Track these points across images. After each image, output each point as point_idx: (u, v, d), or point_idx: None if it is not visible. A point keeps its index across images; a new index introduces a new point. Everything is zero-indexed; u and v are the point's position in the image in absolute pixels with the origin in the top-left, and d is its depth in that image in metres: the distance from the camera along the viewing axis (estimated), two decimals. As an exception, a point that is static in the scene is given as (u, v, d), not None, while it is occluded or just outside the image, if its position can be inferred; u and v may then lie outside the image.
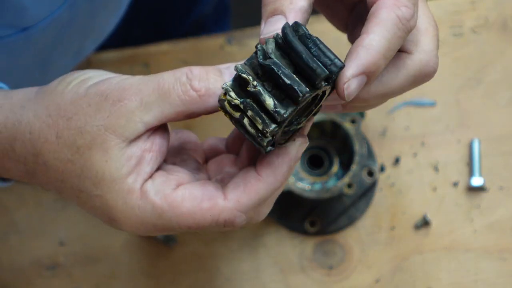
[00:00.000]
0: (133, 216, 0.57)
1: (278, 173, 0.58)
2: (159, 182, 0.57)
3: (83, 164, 0.57)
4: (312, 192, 0.91)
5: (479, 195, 0.97)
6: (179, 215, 0.57)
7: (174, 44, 1.04)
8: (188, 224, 0.57)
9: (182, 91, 0.57)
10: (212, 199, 0.57)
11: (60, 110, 0.58)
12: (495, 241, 0.95)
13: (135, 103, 0.56)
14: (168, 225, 0.57)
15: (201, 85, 0.57)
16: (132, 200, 0.57)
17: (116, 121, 0.56)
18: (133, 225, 0.58)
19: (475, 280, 0.94)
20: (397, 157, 0.98)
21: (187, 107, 0.57)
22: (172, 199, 0.57)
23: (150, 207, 0.57)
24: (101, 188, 0.57)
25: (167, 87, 0.56)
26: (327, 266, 0.95)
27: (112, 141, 0.56)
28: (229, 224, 0.57)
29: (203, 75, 0.57)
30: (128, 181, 0.57)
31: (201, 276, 0.96)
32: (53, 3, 0.79)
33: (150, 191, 0.57)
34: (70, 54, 0.91)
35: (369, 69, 0.58)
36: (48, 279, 0.96)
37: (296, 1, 0.60)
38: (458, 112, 0.99)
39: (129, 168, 0.57)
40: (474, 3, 1.02)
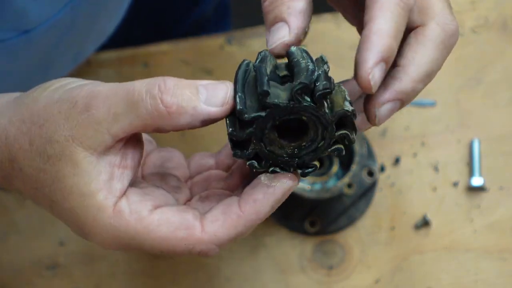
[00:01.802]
0: (104, 233, 0.55)
1: (261, 212, 0.56)
2: (135, 202, 0.55)
3: (54, 175, 0.55)
4: (312, 192, 0.91)
5: (479, 195, 0.97)
6: (153, 239, 0.55)
7: (174, 44, 1.04)
8: (161, 249, 0.55)
9: (151, 105, 0.53)
10: (189, 229, 0.55)
11: (33, 116, 0.56)
12: (495, 241, 0.95)
13: (102, 113, 0.54)
14: (141, 246, 0.55)
15: (173, 101, 0.53)
16: (104, 218, 0.55)
17: (83, 131, 0.54)
18: (104, 241, 0.56)
19: (475, 280, 0.94)
20: (397, 157, 0.98)
21: (155, 122, 0.54)
22: (147, 222, 0.54)
23: (124, 227, 0.55)
24: (70, 201, 0.55)
25: (136, 98, 0.53)
26: (327, 266, 0.95)
27: (80, 154, 0.54)
28: (202, 255, 0.56)
29: (176, 90, 0.54)
30: (99, 197, 0.54)
31: (201, 276, 0.96)
32: (54, 6, 0.79)
33: (125, 210, 0.55)
34: (71, 55, 0.91)
35: (386, 54, 0.58)
36: (48, 279, 0.96)
37: (294, 5, 0.59)
38: (458, 112, 0.99)
39: (99, 184, 0.54)
40: (474, 3, 1.02)
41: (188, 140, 1.00)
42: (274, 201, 0.57)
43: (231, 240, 0.56)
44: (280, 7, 0.59)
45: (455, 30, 0.63)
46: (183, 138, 1.01)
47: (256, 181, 0.56)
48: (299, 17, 0.59)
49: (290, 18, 0.59)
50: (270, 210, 0.57)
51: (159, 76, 0.55)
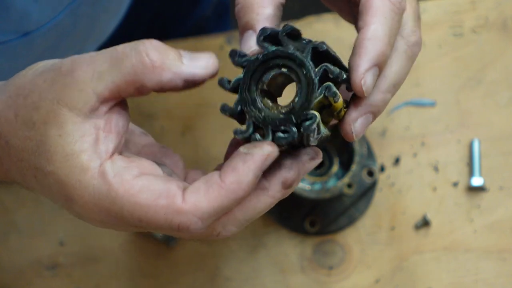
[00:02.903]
0: (86, 195, 0.55)
1: (242, 181, 0.54)
2: (120, 166, 0.55)
3: (39, 139, 0.55)
4: (312, 192, 0.91)
5: (479, 195, 0.97)
6: (132, 204, 0.54)
7: (174, 44, 1.04)
8: (139, 217, 0.54)
9: (136, 59, 0.54)
10: (170, 198, 0.53)
11: (19, 89, 0.57)
12: (495, 241, 0.95)
13: (87, 74, 0.54)
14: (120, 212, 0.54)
15: (158, 57, 0.54)
16: (86, 178, 0.54)
17: (69, 92, 0.54)
18: (86, 206, 0.55)
19: (475, 280, 0.94)
20: (397, 157, 0.98)
21: (138, 76, 0.54)
22: (129, 186, 0.54)
23: (106, 188, 0.54)
24: (53, 163, 0.55)
25: (120, 55, 0.54)
26: (327, 266, 0.95)
27: (66, 115, 0.54)
28: (183, 229, 0.54)
29: (162, 49, 0.55)
30: (83, 157, 0.54)
31: (201, 276, 0.96)
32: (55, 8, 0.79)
33: (109, 172, 0.54)
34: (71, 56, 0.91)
35: (379, 60, 0.59)
36: (48, 279, 0.96)
37: (262, 11, 0.60)
38: (458, 112, 0.99)
39: (84, 145, 0.54)
40: (474, 3, 1.02)
41: (188, 140, 1.00)
42: (255, 168, 0.54)
43: (214, 214, 0.54)
44: (250, 14, 0.60)
45: (418, 41, 0.64)
46: (183, 139, 1.01)
47: (235, 153, 0.55)
48: (266, 22, 0.60)
49: (258, 25, 0.60)
50: (252, 180, 0.54)
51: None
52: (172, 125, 1.01)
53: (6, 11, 0.73)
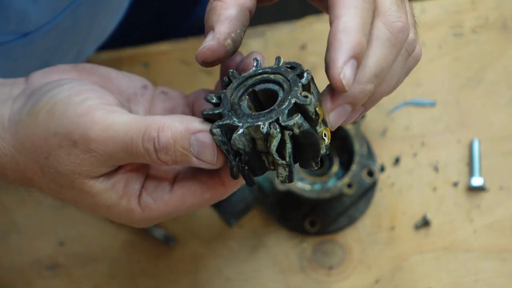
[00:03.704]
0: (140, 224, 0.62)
1: None
2: (152, 190, 0.60)
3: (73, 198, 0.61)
4: (312, 192, 0.91)
5: (479, 195, 0.96)
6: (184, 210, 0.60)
7: (174, 44, 1.04)
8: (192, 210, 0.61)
9: (150, 159, 0.58)
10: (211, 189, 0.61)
11: (36, 147, 0.60)
12: (495, 241, 0.95)
13: (104, 156, 0.58)
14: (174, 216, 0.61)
15: (168, 159, 0.57)
16: (136, 216, 0.60)
17: (88, 168, 0.58)
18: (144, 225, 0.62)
19: (475, 280, 0.94)
20: (397, 157, 0.98)
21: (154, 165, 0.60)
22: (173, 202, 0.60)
23: (156, 215, 0.60)
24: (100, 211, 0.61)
25: (136, 152, 0.57)
26: (327, 266, 0.95)
27: (90, 182, 0.59)
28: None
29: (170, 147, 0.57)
30: (122, 204, 0.60)
31: (201, 276, 0.96)
32: (55, 9, 0.79)
33: (150, 202, 0.60)
34: (71, 56, 0.91)
35: (356, 51, 0.57)
36: (48, 279, 0.96)
37: (223, 12, 0.61)
38: (458, 112, 0.99)
39: (118, 193, 0.60)
40: (474, 3, 1.02)
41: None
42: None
43: None
44: (213, 16, 0.61)
45: (403, 27, 0.61)
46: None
47: None
48: (224, 23, 0.60)
49: (217, 25, 0.60)
50: None
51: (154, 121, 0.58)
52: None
53: (5, 11, 0.73)
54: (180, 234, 0.97)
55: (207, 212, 0.97)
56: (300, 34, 1.04)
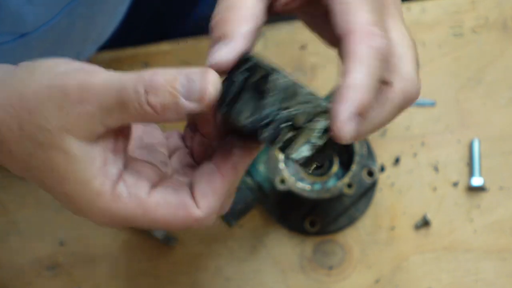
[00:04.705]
0: (101, 215, 0.57)
1: (240, 169, 0.58)
2: (131, 183, 0.57)
3: (47, 162, 0.56)
4: (312, 192, 0.90)
5: (479, 195, 0.96)
6: (151, 220, 0.57)
7: (174, 44, 1.04)
8: (160, 227, 0.58)
9: (139, 104, 0.54)
10: (186, 209, 0.56)
11: (22, 101, 0.56)
12: (495, 241, 0.95)
13: (95, 107, 0.54)
14: (140, 225, 0.57)
15: (156, 101, 0.54)
16: (102, 202, 0.56)
17: (76, 122, 0.55)
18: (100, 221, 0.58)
19: (475, 280, 0.94)
20: (397, 157, 0.98)
21: (144, 118, 0.55)
22: (147, 205, 0.56)
23: (123, 210, 0.56)
24: (64, 186, 0.56)
25: (126, 98, 0.54)
26: (327, 266, 0.95)
27: (73, 143, 0.55)
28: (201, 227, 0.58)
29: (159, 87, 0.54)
30: (95, 184, 0.56)
31: (201, 276, 0.95)
32: (51, 10, 0.78)
33: (123, 194, 0.56)
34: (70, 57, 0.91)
35: (361, 108, 0.57)
36: (48, 279, 0.96)
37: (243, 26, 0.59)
38: (458, 112, 0.99)
39: (94, 171, 0.55)
40: (474, 3, 1.02)
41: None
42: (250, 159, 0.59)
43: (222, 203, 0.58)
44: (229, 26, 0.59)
45: (415, 97, 0.62)
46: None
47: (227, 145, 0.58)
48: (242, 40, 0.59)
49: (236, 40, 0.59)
50: (247, 165, 0.58)
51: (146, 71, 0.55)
52: (172, 125, 1.01)
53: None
54: (180, 234, 0.97)
55: (207, 212, 0.97)
56: (300, 34, 1.04)
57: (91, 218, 0.57)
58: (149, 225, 0.57)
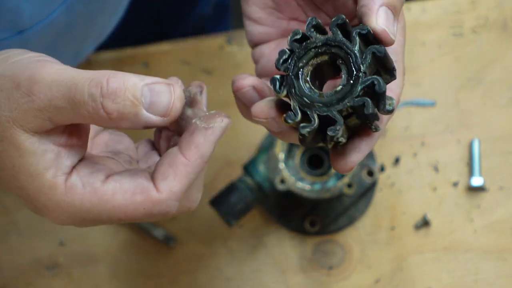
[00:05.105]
0: (58, 210, 0.54)
1: (205, 154, 0.55)
2: (86, 174, 0.54)
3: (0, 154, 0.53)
4: (312, 192, 0.90)
5: (479, 195, 0.96)
6: (110, 209, 0.54)
7: (174, 44, 1.04)
8: (119, 217, 0.54)
9: (93, 108, 0.50)
10: (144, 192, 0.53)
11: None
12: (495, 241, 0.95)
13: (43, 102, 0.51)
14: (98, 218, 0.54)
15: (113, 108, 0.50)
16: (56, 195, 0.53)
17: (23, 115, 0.52)
18: (59, 218, 0.55)
19: (475, 280, 0.94)
20: (397, 157, 0.98)
21: (96, 122, 0.52)
22: (102, 192, 0.53)
23: (79, 202, 0.53)
24: (19, 181, 0.54)
25: (78, 99, 0.51)
26: (327, 266, 0.95)
27: (22, 136, 0.52)
28: (163, 214, 0.54)
29: (119, 93, 0.50)
30: (47, 176, 0.53)
31: (201, 277, 0.95)
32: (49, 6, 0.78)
33: (77, 185, 0.53)
34: (69, 55, 0.91)
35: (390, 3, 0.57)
36: (48, 279, 0.96)
37: None
38: (458, 112, 0.99)
39: (46, 163, 0.53)
40: (474, 3, 1.02)
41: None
42: (215, 141, 0.56)
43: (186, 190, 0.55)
44: None
45: None
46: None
47: (192, 126, 0.55)
48: None
49: None
50: (212, 150, 0.56)
51: (104, 71, 0.52)
52: (172, 125, 1.01)
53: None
54: (180, 234, 0.97)
55: (207, 212, 0.96)
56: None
57: (49, 215, 0.55)
58: (109, 216, 0.54)
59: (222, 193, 0.89)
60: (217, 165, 0.99)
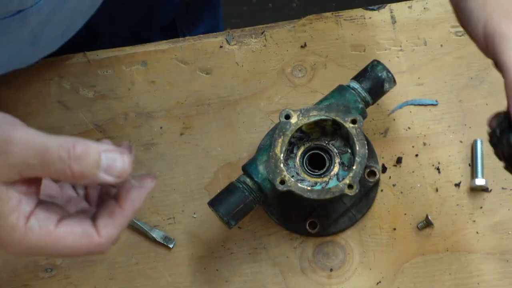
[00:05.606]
0: (17, 247, 0.65)
1: (137, 207, 0.67)
2: (42, 218, 0.65)
3: None
4: (313, 192, 0.90)
5: (482, 196, 0.96)
6: (59, 248, 0.66)
7: (173, 43, 1.04)
8: (65, 254, 0.66)
9: (60, 168, 0.62)
10: (89, 237, 0.66)
11: None
12: (497, 242, 0.95)
13: (17, 160, 0.63)
14: (48, 254, 0.66)
15: (77, 169, 0.62)
16: (17, 235, 0.64)
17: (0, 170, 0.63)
18: (15, 251, 0.66)
19: (477, 281, 0.93)
20: (399, 158, 0.98)
21: (62, 178, 0.64)
22: (55, 235, 0.65)
23: (35, 241, 0.65)
24: None
25: (48, 159, 0.62)
26: (328, 268, 0.95)
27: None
28: (100, 253, 0.67)
29: (83, 158, 0.62)
30: (11, 219, 0.64)
31: (200, 278, 0.95)
32: None
33: (35, 227, 0.65)
34: (60, 30, 0.92)
35: None
36: (45, 281, 0.96)
37: None
38: (460, 112, 0.99)
39: (11, 207, 0.64)
40: (476, 1, 1.01)
41: (187, 140, 1.00)
42: (145, 197, 0.68)
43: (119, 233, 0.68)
44: None
45: None
46: (182, 139, 1.00)
47: (128, 184, 0.67)
48: None
49: None
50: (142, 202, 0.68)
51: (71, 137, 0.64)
52: (171, 125, 1.01)
53: None
54: (179, 236, 0.96)
55: (206, 213, 0.96)
56: (300, 34, 1.03)
57: (8, 249, 0.65)
58: (58, 253, 0.66)
59: (222, 194, 0.89)
60: (217, 165, 0.99)
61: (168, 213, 0.97)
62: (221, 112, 1.01)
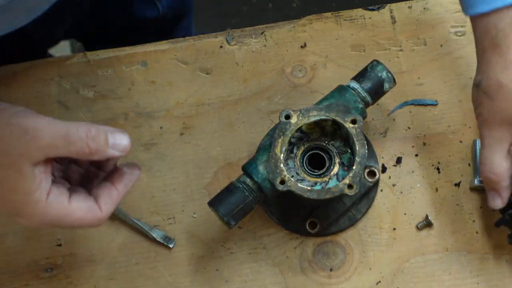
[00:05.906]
0: (38, 219, 0.78)
1: (128, 189, 0.82)
2: (57, 194, 0.78)
3: (3, 176, 0.76)
4: (313, 192, 0.90)
5: (482, 196, 0.96)
6: (71, 221, 0.79)
7: (172, 43, 1.04)
8: (75, 226, 0.79)
9: (80, 146, 0.76)
10: (94, 212, 0.79)
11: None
12: (497, 242, 0.94)
13: (46, 142, 0.75)
14: (61, 224, 0.78)
15: (93, 146, 0.77)
16: (39, 209, 0.77)
17: (30, 152, 0.76)
18: (34, 222, 0.78)
19: (477, 281, 0.93)
20: (399, 158, 0.97)
21: (82, 156, 0.77)
22: (68, 209, 0.78)
23: (54, 214, 0.78)
24: (15, 197, 0.77)
25: (72, 140, 0.76)
26: (328, 268, 0.95)
27: (25, 165, 0.76)
28: (98, 225, 0.80)
29: (97, 137, 0.77)
30: (36, 195, 0.77)
31: (200, 278, 0.95)
32: None
33: (53, 202, 0.78)
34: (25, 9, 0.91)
35: None
36: (46, 281, 0.96)
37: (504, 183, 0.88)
38: (460, 112, 0.99)
39: (36, 185, 0.77)
40: (476, 1, 1.01)
41: (187, 140, 1.00)
42: (134, 182, 0.83)
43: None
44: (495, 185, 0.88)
45: None
46: (182, 139, 1.00)
47: (121, 170, 0.82)
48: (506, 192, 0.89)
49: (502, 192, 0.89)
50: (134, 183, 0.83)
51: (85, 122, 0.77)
52: (171, 125, 1.01)
53: None
54: (179, 235, 0.96)
55: (206, 213, 0.96)
56: (300, 34, 1.03)
57: (30, 221, 0.78)
58: (69, 224, 0.78)
59: (222, 194, 0.89)
60: (217, 165, 0.99)
61: (168, 213, 0.97)
62: (221, 112, 1.01)
